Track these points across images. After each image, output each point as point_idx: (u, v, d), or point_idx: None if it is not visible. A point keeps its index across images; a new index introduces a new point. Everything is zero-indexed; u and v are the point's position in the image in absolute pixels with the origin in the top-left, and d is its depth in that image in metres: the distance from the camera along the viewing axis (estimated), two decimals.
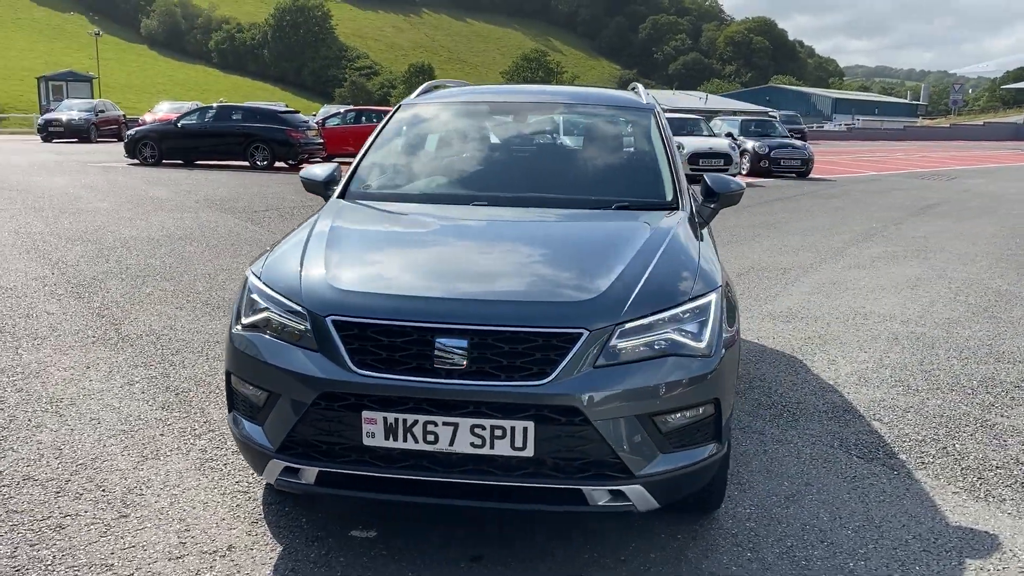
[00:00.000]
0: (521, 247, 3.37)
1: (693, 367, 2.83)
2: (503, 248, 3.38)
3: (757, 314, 6.80)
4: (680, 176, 3.91)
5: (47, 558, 2.96)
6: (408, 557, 3.03)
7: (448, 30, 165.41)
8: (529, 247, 3.36)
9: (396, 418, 2.68)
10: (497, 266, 3.15)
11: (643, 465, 2.75)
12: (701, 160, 18.68)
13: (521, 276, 3.04)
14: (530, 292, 2.89)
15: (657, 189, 3.85)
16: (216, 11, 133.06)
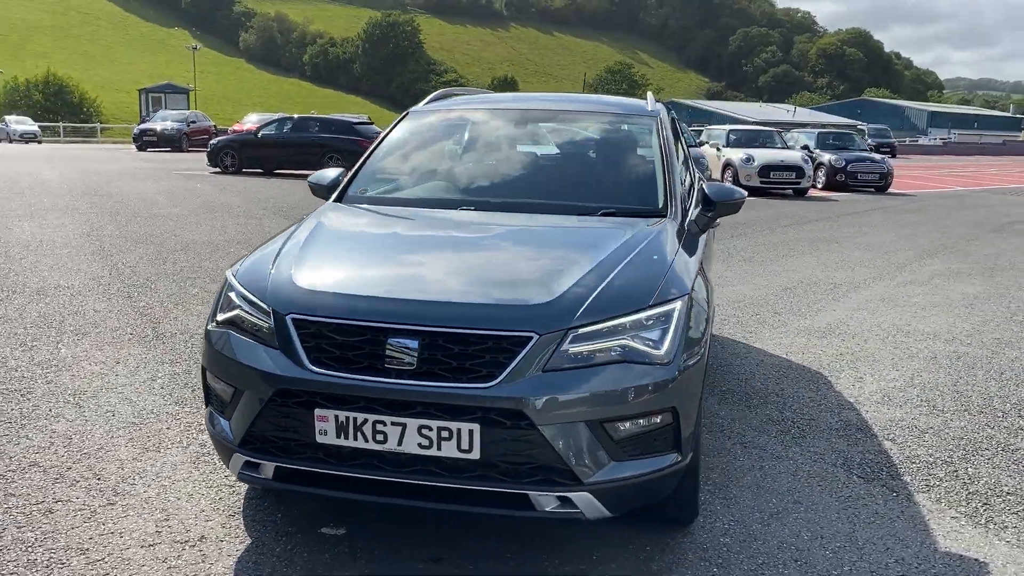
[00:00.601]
0: (489, 251, 3.39)
1: (649, 375, 2.79)
2: (470, 252, 3.40)
3: (793, 329, 6.63)
4: (673, 183, 3.85)
5: (30, 539, 3.11)
6: (370, 556, 3.07)
7: (535, 43, 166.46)
8: (497, 251, 3.38)
9: (347, 416, 2.73)
10: (458, 269, 3.18)
11: (592, 472, 2.73)
12: (772, 173, 18.29)
13: (480, 279, 3.06)
14: (484, 295, 2.91)
15: (647, 196, 3.81)
16: (311, 26, 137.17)
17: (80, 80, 71.66)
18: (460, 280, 3.05)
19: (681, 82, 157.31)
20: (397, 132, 4.43)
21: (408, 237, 3.64)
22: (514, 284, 2.98)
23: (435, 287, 2.97)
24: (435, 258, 3.34)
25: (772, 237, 12.05)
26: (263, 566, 2.99)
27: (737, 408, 4.77)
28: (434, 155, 4.37)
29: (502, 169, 4.16)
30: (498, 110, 4.55)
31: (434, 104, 4.68)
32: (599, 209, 3.71)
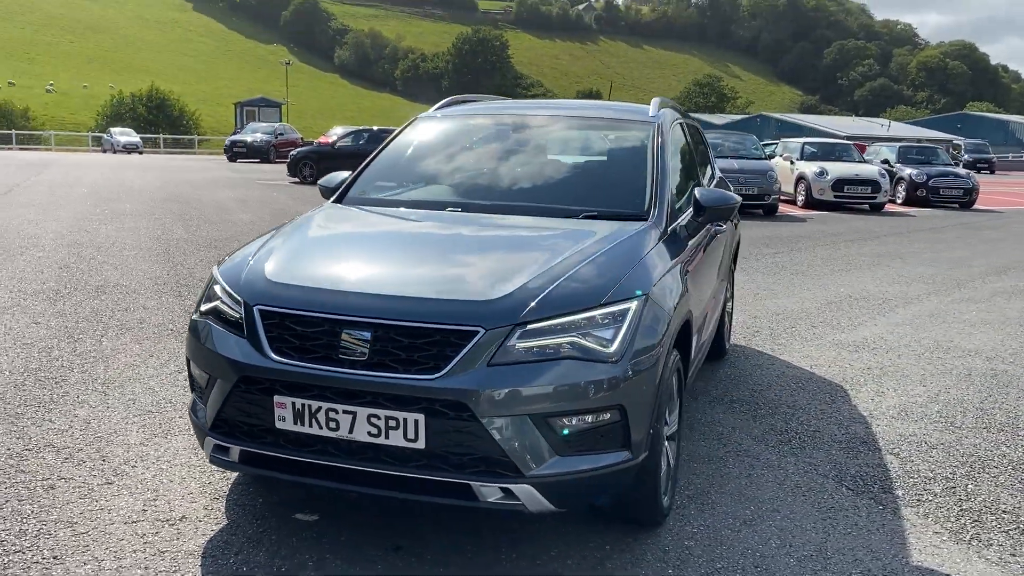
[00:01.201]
0: (454, 250, 3.48)
1: (596, 372, 2.83)
2: (435, 250, 3.50)
3: (826, 342, 6.49)
4: (662, 188, 3.86)
5: (26, 512, 3.34)
6: (334, 542, 3.18)
7: (624, 57, 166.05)
8: (462, 250, 3.46)
9: (303, 404, 2.85)
10: (418, 266, 3.27)
11: (534, 466, 2.78)
12: (846, 187, 17.80)
13: (436, 275, 3.15)
14: (436, 290, 2.99)
15: (631, 200, 3.83)
16: (403, 42, 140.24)
17: (182, 94, 75.01)
18: (417, 276, 3.15)
19: (773, 95, 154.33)
20: (403, 137, 4.58)
21: (380, 235, 3.77)
22: (468, 280, 3.06)
23: (391, 282, 3.07)
24: (399, 255, 3.45)
25: (833, 251, 11.76)
26: (232, 546, 3.14)
27: (742, 418, 4.72)
28: (433, 159, 4.49)
29: (495, 173, 4.24)
30: (500, 116, 4.65)
31: (444, 110, 4.80)
32: (581, 212, 3.75)
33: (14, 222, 11.94)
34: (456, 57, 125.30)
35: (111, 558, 3.01)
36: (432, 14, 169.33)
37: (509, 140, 4.44)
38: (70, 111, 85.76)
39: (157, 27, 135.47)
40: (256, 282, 3.13)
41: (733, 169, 16.15)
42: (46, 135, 55.39)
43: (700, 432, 4.47)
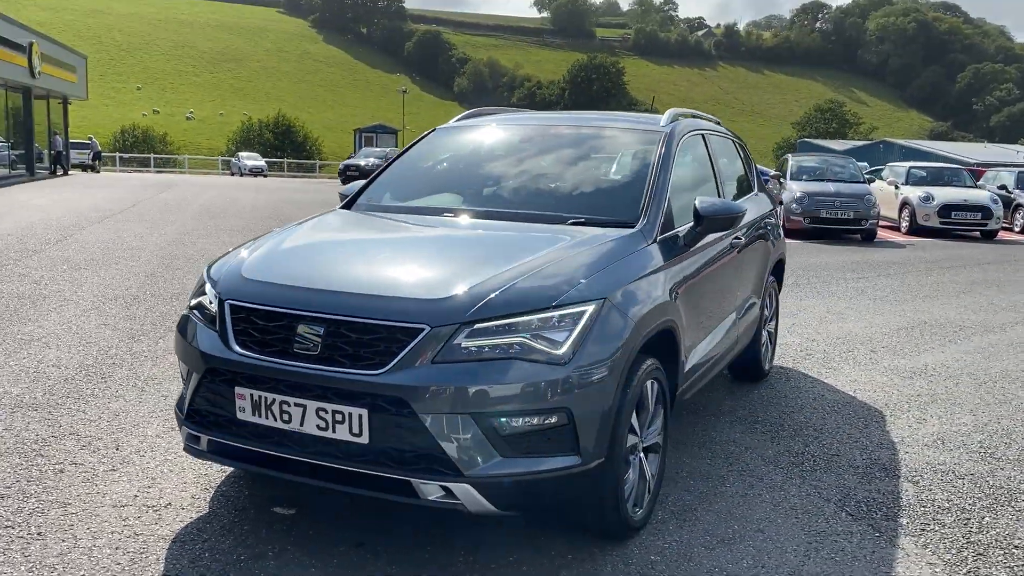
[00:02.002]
0: (427, 252, 3.52)
1: (542, 374, 2.82)
2: (403, 252, 3.55)
3: (881, 368, 6.18)
4: (658, 197, 3.79)
5: (30, 492, 3.57)
6: (301, 535, 3.26)
7: (744, 82, 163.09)
8: (434, 252, 3.50)
9: (260, 395, 2.96)
10: (381, 266, 3.33)
11: (475, 465, 2.78)
12: (954, 213, 16.88)
13: (394, 275, 3.19)
14: (388, 288, 3.04)
15: (624, 208, 3.78)
16: (520, 70, 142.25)
17: (308, 121, 78.37)
18: (377, 275, 3.20)
19: (901, 121, 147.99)
20: (418, 146, 4.68)
21: (360, 238, 3.85)
22: (423, 280, 3.09)
23: (348, 280, 3.14)
24: (368, 256, 3.52)
25: (923, 278, 11.16)
26: (203, 533, 3.26)
27: (760, 438, 4.55)
28: (442, 168, 4.57)
29: (496, 181, 4.27)
30: (512, 126, 4.68)
31: (461, 121, 4.88)
32: (570, 218, 3.74)
33: (123, 234, 12.74)
34: (572, 84, 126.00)
35: (88, 537, 3.18)
36: (551, 43, 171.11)
37: (516, 149, 4.47)
38: (206, 137, 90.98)
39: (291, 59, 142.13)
40: (232, 278, 3.27)
41: (828, 192, 15.63)
42: (181, 159, 58.93)
43: (709, 449, 4.34)
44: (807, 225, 15.49)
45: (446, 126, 4.83)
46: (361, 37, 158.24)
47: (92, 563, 2.99)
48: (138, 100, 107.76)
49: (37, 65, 28.22)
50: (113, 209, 16.97)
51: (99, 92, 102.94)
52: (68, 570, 2.94)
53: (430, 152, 4.65)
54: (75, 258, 9.99)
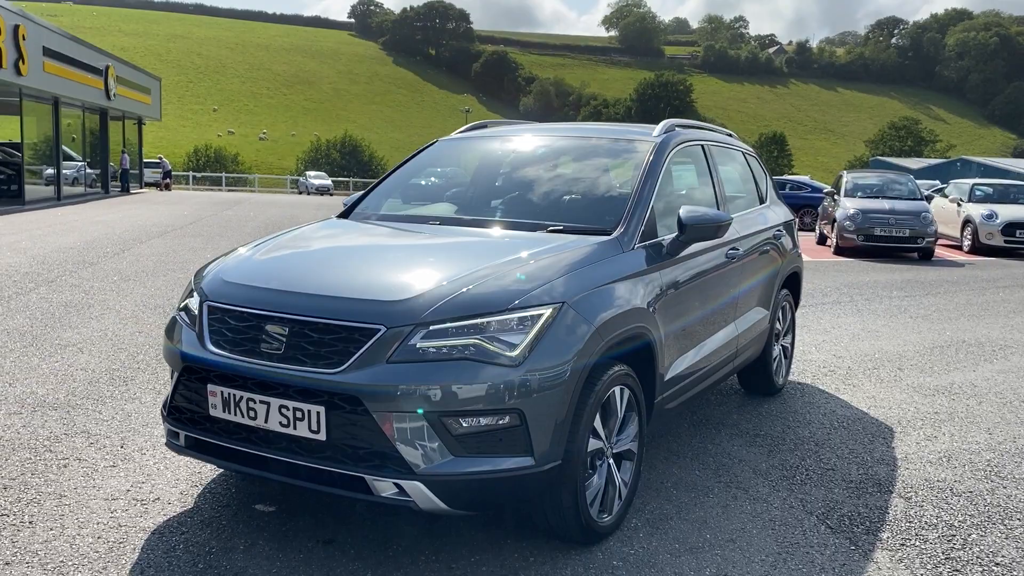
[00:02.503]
0: (398, 257, 3.61)
1: (494, 375, 2.87)
2: (381, 257, 3.64)
3: (903, 385, 6.03)
4: (640, 206, 3.81)
5: (32, 484, 3.76)
6: (275, 531, 3.37)
7: (815, 100, 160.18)
8: (405, 257, 3.59)
9: (230, 393, 3.08)
10: (348, 270, 3.42)
11: (426, 463, 2.84)
12: (1018, 231, 16.27)
13: (357, 278, 3.28)
14: (352, 290, 3.13)
15: (603, 216, 3.81)
16: (586, 89, 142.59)
17: (375, 141, 79.93)
18: (341, 278, 3.30)
19: (982, 139, 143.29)
20: (420, 156, 4.79)
21: (338, 244, 3.95)
22: (386, 283, 3.18)
23: (314, 282, 3.24)
24: (339, 260, 3.63)
25: (974, 297, 10.81)
26: (183, 526, 3.39)
27: (756, 452, 4.50)
28: (438, 177, 4.67)
29: (487, 189, 4.36)
30: (510, 137, 4.75)
31: (462, 133, 4.97)
32: (550, 225, 3.79)
33: (178, 249, 13.21)
34: (638, 102, 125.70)
35: (75, 527, 3.34)
36: (618, 61, 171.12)
37: (510, 159, 4.55)
38: (277, 156, 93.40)
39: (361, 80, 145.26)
40: (214, 281, 3.41)
41: (883, 210, 15.26)
42: (251, 178, 60.57)
43: (701, 461, 4.31)
44: (861, 243, 15.13)
45: (448, 137, 4.94)
46: (429, 59, 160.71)
47: (72, 550, 3.15)
48: (214, 121, 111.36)
49: (113, 87, 29.48)
50: (175, 225, 17.57)
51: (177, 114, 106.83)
52: (49, 556, 3.10)
53: (430, 162, 4.76)
54: (127, 270, 10.41)
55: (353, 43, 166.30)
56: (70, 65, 25.46)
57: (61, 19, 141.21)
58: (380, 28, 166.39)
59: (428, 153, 4.82)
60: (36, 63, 22.53)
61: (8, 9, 21.13)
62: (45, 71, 23.32)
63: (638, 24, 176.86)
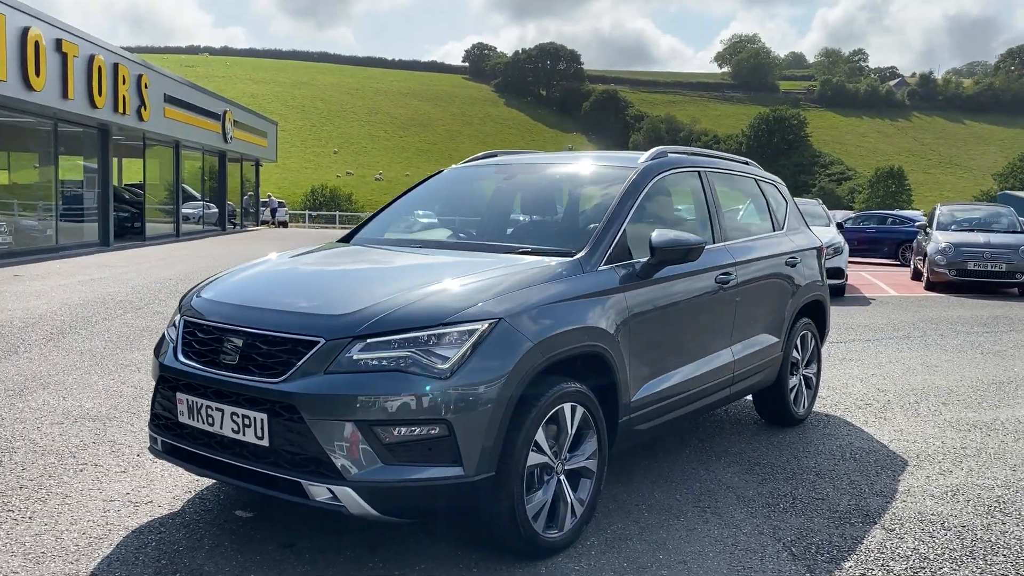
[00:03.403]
0: (360, 276, 3.80)
1: (424, 386, 3.00)
2: (345, 277, 3.84)
3: (941, 420, 5.78)
4: (610, 229, 3.88)
5: (46, 485, 4.10)
6: (243, 535, 3.57)
7: (940, 133, 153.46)
8: (366, 276, 3.79)
9: (193, 400, 3.32)
10: (306, 287, 3.64)
11: (356, 470, 2.99)
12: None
13: (313, 294, 3.48)
14: (302, 305, 3.33)
15: (570, 239, 3.92)
16: (697, 125, 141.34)
17: None
18: (296, 295, 3.51)
19: None
20: (427, 183, 5.00)
21: (314, 265, 4.13)
22: (334, 299, 3.36)
23: (271, 298, 3.47)
24: (304, 280, 3.83)
25: None
26: (164, 527, 3.64)
27: (748, 479, 4.44)
28: (433, 204, 4.86)
29: (473, 216, 4.52)
30: (505, 166, 4.90)
31: (468, 162, 5.15)
32: (519, 248, 3.91)
33: None
34: (751, 137, 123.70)
35: (67, 523, 3.64)
36: (730, 97, 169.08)
37: (500, 187, 4.70)
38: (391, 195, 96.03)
39: (474, 121, 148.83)
40: (194, 298, 3.68)
41: (978, 243, 14.54)
42: (364, 215, 62.72)
43: (687, 486, 4.28)
44: (952, 278, 14.43)
45: (454, 166, 5.12)
46: (540, 99, 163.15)
47: (56, 543, 3.43)
48: (334, 163, 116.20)
49: (229, 131, 31.28)
50: None
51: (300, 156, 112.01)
52: (33, 547, 3.39)
53: (434, 189, 4.96)
54: None
55: (467, 86, 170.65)
56: (189, 111, 27.21)
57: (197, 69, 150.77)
58: (493, 71, 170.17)
59: (434, 180, 5.02)
60: (157, 109, 24.21)
61: (133, 60, 22.87)
62: (165, 116, 25.01)
63: (752, 60, 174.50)
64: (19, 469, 4.30)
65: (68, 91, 18.53)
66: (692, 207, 4.66)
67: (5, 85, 16.04)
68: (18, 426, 5.04)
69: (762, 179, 5.58)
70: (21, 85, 16.64)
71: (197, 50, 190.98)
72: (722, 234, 4.69)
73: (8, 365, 6.70)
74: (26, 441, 4.76)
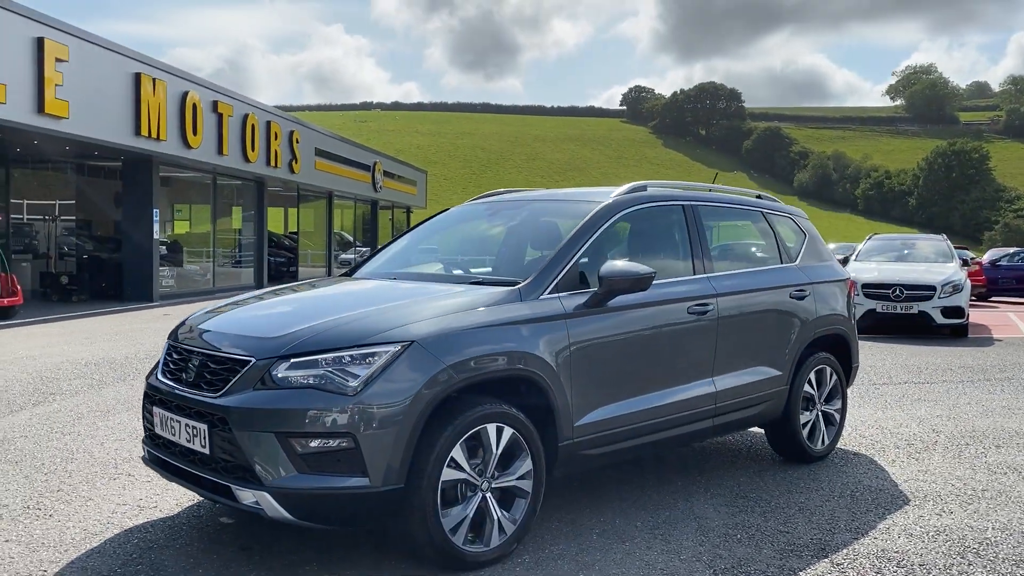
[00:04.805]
0: (312, 303, 4.18)
1: (332, 402, 3.31)
2: (302, 303, 4.21)
3: (982, 462, 5.45)
4: (562, 261, 4.04)
5: (81, 489, 4.69)
6: (211, 538, 3.98)
7: None
8: (315, 304, 4.16)
9: (162, 413, 3.79)
10: (267, 313, 4.01)
11: (274, 477, 3.32)
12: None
13: (262, 320, 3.87)
14: (248, 329, 3.74)
15: (517, 269, 4.17)
16: (867, 161, 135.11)
17: None
18: (250, 320, 3.91)
19: None
20: (434, 219, 5.35)
21: (290, 294, 4.49)
22: (276, 323, 3.74)
23: (230, 324, 3.89)
24: (268, 308, 4.19)
25: None
26: (153, 528, 4.11)
27: (722, 511, 4.42)
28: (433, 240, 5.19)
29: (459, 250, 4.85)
30: (497, 203, 5.17)
31: (473, 200, 5.44)
32: (473, 279, 4.18)
33: None
34: (927, 172, 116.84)
35: (77, 520, 4.19)
36: (905, 131, 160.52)
37: (483, 224, 4.98)
38: None
39: (630, 163, 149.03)
40: (180, 326, 4.17)
41: None
42: None
43: (654, 514, 4.33)
44: None
45: (466, 202, 5.42)
46: (700, 139, 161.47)
47: (58, 536, 3.97)
48: None
49: (379, 181, 33.14)
50: None
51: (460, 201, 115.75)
52: (40, 538, 3.94)
53: (437, 225, 5.30)
54: None
55: (623, 129, 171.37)
56: (339, 163, 29.13)
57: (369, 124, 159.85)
58: (650, 112, 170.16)
59: (438, 219, 5.35)
60: (308, 162, 26.10)
61: (284, 117, 24.85)
62: (316, 168, 26.90)
63: (928, 91, 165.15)
64: (66, 476, 4.93)
65: (223, 147, 20.41)
66: (670, 240, 4.74)
67: (166, 144, 17.92)
68: (87, 441, 5.74)
69: (773, 212, 5.55)
70: (180, 143, 18.53)
71: (370, 106, 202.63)
72: (705, 266, 4.74)
73: (112, 391, 7.57)
74: (85, 453, 5.43)
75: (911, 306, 12.26)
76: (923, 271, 12.85)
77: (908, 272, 12.83)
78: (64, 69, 14.63)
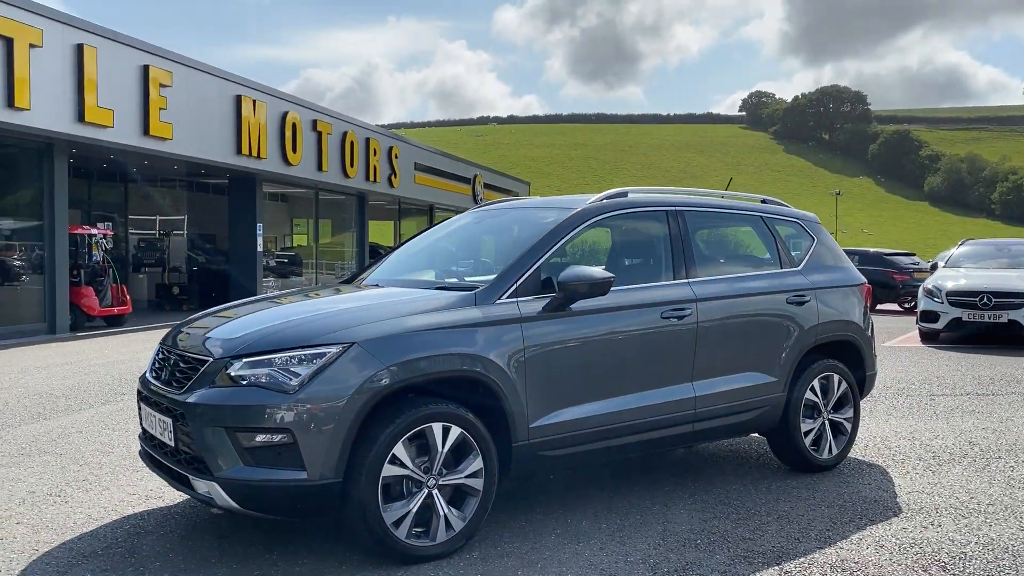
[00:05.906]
0: (283, 308, 4.35)
1: (272, 399, 3.54)
2: (276, 311, 4.40)
3: (1001, 476, 5.18)
4: (523, 267, 4.13)
5: (103, 480, 5.09)
6: (196, 528, 4.26)
7: None
8: (285, 308, 4.33)
9: (146, 409, 4.11)
10: (240, 318, 4.24)
11: (222, 468, 3.57)
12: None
13: (236, 325, 4.10)
14: (216, 332, 3.99)
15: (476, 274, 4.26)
16: (1005, 163, 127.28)
17: None
18: (225, 327, 4.15)
19: None
20: (425, 232, 5.52)
21: (264, 303, 4.72)
22: (235, 327, 4.00)
23: (203, 327, 4.16)
24: (246, 312, 4.42)
25: None
26: (148, 516, 4.44)
27: (695, 516, 4.39)
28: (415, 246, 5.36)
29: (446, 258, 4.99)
30: (488, 209, 5.29)
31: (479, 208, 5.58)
32: (438, 284, 4.34)
33: None
34: None
35: (85, 507, 4.57)
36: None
37: (471, 230, 5.12)
38: None
39: (749, 170, 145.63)
40: (171, 331, 4.50)
41: None
42: None
43: (622, 516, 4.35)
44: None
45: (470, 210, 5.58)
46: (822, 143, 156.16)
47: (64, 518, 4.36)
48: None
49: (479, 193, 33.72)
50: None
51: None
52: (51, 520, 4.33)
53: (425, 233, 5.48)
54: None
55: (742, 135, 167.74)
56: (439, 176, 29.85)
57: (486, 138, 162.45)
58: (770, 118, 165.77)
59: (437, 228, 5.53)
60: (407, 176, 26.88)
61: (383, 134, 25.71)
62: (415, 183, 27.67)
63: None
64: (97, 467, 5.37)
65: (323, 164, 21.32)
66: (650, 246, 4.75)
67: (266, 162, 18.90)
68: (127, 436, 6.20)
69: (776, 217, 5.45)
70: (280, 161, 19.49)
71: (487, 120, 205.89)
72: (688, 272, 4.73)
73: None
74: (122, 447, 5.88)
75: (1000, 314, 11.59)
76: (1015, 277, 12.12)
77: (997, 279, 12.13)
78: (168, 93, 15.67)
